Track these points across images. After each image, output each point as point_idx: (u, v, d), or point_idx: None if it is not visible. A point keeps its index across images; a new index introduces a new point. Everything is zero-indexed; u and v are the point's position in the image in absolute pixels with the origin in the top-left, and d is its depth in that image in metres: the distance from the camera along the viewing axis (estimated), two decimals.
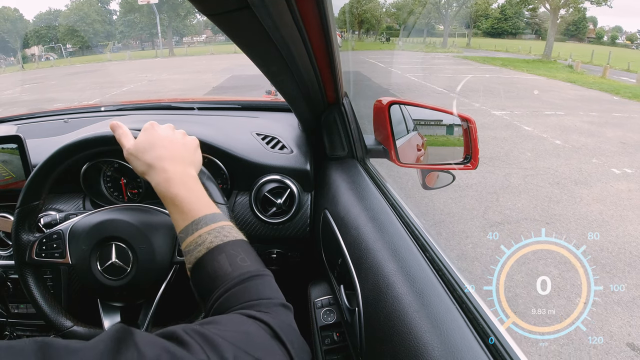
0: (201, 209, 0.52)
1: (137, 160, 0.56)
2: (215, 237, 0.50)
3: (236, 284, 0.45)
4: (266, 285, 0.47)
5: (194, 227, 0.51)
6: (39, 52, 32.57)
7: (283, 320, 0.42)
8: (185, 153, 0.58)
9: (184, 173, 0.55)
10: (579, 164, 4.44)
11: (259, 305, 0.43)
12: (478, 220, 3.05)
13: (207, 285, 0.47)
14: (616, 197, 3.59)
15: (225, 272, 0.47)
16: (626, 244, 2.78)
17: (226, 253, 0.49)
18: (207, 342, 0.33)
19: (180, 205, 0.53)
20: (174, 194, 0.53)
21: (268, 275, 0.49)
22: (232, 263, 0.48)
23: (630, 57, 18.92)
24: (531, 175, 4.03)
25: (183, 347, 0.32)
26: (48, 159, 0.65)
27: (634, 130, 6.07)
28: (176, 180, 0.54)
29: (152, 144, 0.57)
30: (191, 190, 0.54)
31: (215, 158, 0.93)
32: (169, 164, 0.55)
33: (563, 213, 3.27)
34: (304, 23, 0.48)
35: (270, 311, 0.42)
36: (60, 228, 0.69)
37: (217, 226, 0.51)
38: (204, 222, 0.51)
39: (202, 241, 0.50)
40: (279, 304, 0.44)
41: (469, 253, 2.57)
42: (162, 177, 0.54)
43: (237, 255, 0.49)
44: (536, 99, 8.67)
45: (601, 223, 3.11)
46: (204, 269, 0.48)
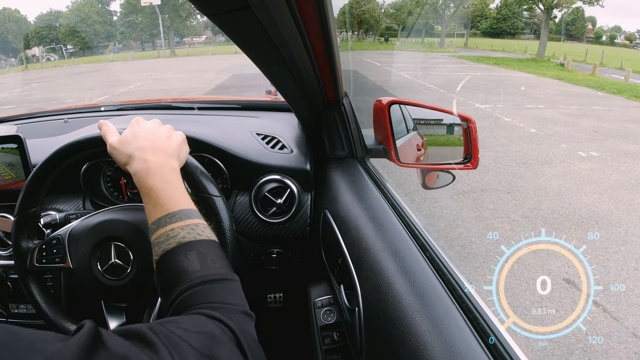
0: (177, 202, 0.51)
1: (119, 152, 0.56)
2: (189, 234, 0.49)
3: (202, 283, 0.44)
4: (232, 291, 0.46)
5: (167, 220, 0.49)
6: (39, 52, 32.59)
7: (245, 329, 0.41)
8: (168, 145, 0.57)
9: (164, 164, 0.54)
10: (548, 148, 4.84)
11: (221, 309, 0.42)
12: (447, 190, 3.30)
13: (171, 280, 0.46)
14: (577, 175, 4.00)
15: (193, 270, 0.46)
16: (577, 209, 3.22)
17: (197, 251, 0.47)
18: (173, 346, 0.33)
19: (155, 196, 0.51)
20: (151, 185, 0.52)
21: (235, 281, 0.48)
22: (202, 262, 0.46)
23: (625, 56, 19.00)
24: (502, 157, 4.46)
25: (150, 349, 0.31)
26: (41, 166, 0.65)
27: (609, 121, 6.42)
28: (155, 171, 0.53)
29: (135, 136, 0.56)
30: (169, 182, 0.53)
31: (215, 158, 0.92)
32: (149, 155, 0.54)
33: (524, 185, 3.69)
34: (304, 23, 0.48)
35: (232, 317, 0.41)
36: (59, 233, 0.69)
37: (191, 222, 0.50)
38: (179, 216, 0.50)
39: (174, 235, 0.48)
40: (242, 311, 0.43)
41: (435, 213, 3.06)
42: (141, 166, 0.53)
43: (208, 256, 0.48)
44: (521, 94, 8.99)
45: (557, 193, 3.54)
46: (172, 263, 0.47)
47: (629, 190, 3.63)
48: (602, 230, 2.89)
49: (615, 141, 5.25)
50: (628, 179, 3.92)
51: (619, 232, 2.84)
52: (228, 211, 0.66)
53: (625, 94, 9.19)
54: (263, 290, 1.21)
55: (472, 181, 3.64)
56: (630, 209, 3.24)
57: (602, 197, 3.47)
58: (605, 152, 4.77)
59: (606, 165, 4.32)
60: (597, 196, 3.48)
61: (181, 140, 0.61)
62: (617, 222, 3.00)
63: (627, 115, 6.94)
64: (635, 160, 4.52)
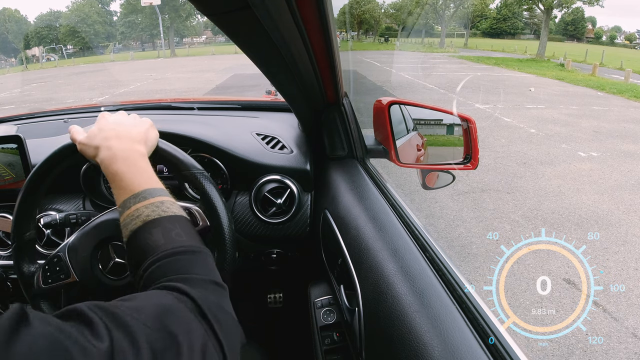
0: (141, 183, 0.51)
1: (87, 147, 0.57)
2: (153, 212, 0.48)
3: (166, 256, 0.44)
4: (200, 262, 0.45)
5: (131, 201, 0.50)
6: (39, 53, 32.60)
7: (212, 299, 0.39)
8: (134, 132, 0.58)
9: (130, 149, 0.54)
10: (548, 149, 4.85)
11: (187, 280, 0.40)
12: (447, 190, 3.33)
13: (139, 258, 0.45)
14: (576, 175, 4.03)
15: (157, 244, 0.45)
16: (577, 209, 3.22)
17: (162, 227, 0.47)
18: (116, 321, 0.30)
19: (120, 180, 0.51)
20: (115, 170, 0.52)
21: (204, 253, 0.47)
22: (166, 236, 0.46)
23: (625, 56, 19.02)
24: (502, 157, 4.47)
25: (86, 326, 0.29)
26: (25, 189, 0.65)
27: (609, 121, 6.45)
28: (119, 157, 0.53)
29: (101, 129, 0.57)
30: (133, 165, 0.53)
31: (215, 158, 0.93)
32: (114, 142, 0.54)
33: (524, 185, 3.70)
34: (304, 23, 0.48)
35: (198, 287, 0.39)
36: (58, 251, 0.69)
37: (155, 200, 0.50)
38: (142, 195, 0.50)
39: (139, 214, 0.48)
40: (210, 281, 0.42)
41: (435, 213, 3.11)
42: (106, 154, 0.54)
43: (173, 230, 0.47)
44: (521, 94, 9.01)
45: (557, 194, 3.54)
46: (138, 242, 0.47)
47: (629, 190, 3.64)
48: (602, 231, 2.90)
49: (615, 141, 5.27)
50: (628, 179, 3.92)
51: (619, 232, 2.84)
52: (214, 184, 0.65)
53: (625, 94, 9.21)
54: (263, 290, 1.21)
55: (472, 181, 3.65)
56: (630, 209, 3.24)
57: (602, 197, 3.47)
58: (605, 152, 4.78)
59: (606, 165, 4.33)
60: (597, 196, 3.48)
61: (148, 126, 0.61)
62: (617, 222, 3.01)
63: (627, 116, 6.96)
64: (635, 160, 4.53)
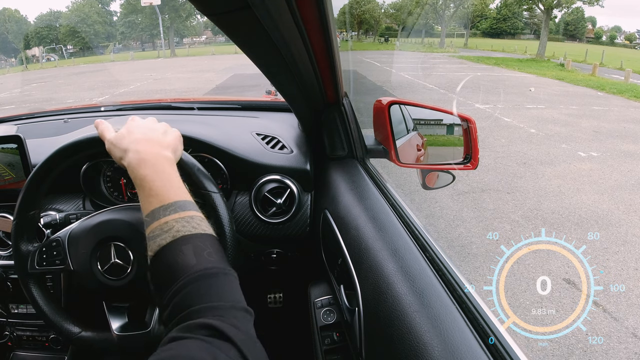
0: (172, 194, 0.49)
1: (115, 148, 0.56)
2: (184, 227, 0.46)
3: (199, 278, 0.42)
4: (230, 285, 0.44)
5: (161, 212, 0.47)
6: (39, 53, 32.60)
7: (245, 331, 0.39)
8: (163, 139, 0.57)
9: (158, 154, 0.53)
10: (548, 149, 4.87)
11: (218, 309, 0.40)
12: (447, 190, 3.34)
13: (167, 277, 0.44)
14: (576, 175, 4.04)
15: (189, 264, 0.43)
16: (577, 209, 3.23)
17: (193, 244, 0.45)
18: None
19: (148, 187, 0.50)
20: (143, 175, 0.50)
21: (232, 276, 0.46)
22: (198, 256, 0.44)
23: (625, 56, 19.03)
24: (502, 157, 4.49)
25: None
26: (39, 168, 0.65)
27: (609, 121, 6.47)
28: (147, 161, 0.52)
29: (130, 131, 0.56)
30: (162, 172, 0.51)
31: (215, 158, 0.92)
32: (143, 146, 0.53)
33: (524, 186, 3.71)
34: (304, 23, 0.48)
35: (230, 316, 0.39)
36: (59, 235, 0.69)
37: (186, 215, 0.48)
38: (173, 208, 0.48)
39: (169, 228, 0.46)
40: (241, 308, 0.41)
41: (435, 213, 3.13)
42: (134, 157, 0.52)
43: (205, 249, 0.45)
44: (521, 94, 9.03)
45: (557, 194, 3.55)
46: (167, 259, 0.45)
47: (629, 190, 3.64)
48: (602, 231, 2.90)
49: (615, 141, 5.28)
50: (628, 179, 3.93)
51: (619, 232, 2.84)
52: (227, 208, 0.66)
53: (625, 94, 9.22)
54: (263, 290, 1.21)
55: (472, 181, 3.66)
56: (630, 209, 3.25)
57: (602, 197, 3.48)
58: (605, 152, 4.79)
59: (606, 165, 4.34)
60: (597, 196, 3.49)
61: (177, 137, 0.61)
62: (617, 222, 3.01)
63: (627, 116, 6.97)
64: (636, 160, 4.54)
